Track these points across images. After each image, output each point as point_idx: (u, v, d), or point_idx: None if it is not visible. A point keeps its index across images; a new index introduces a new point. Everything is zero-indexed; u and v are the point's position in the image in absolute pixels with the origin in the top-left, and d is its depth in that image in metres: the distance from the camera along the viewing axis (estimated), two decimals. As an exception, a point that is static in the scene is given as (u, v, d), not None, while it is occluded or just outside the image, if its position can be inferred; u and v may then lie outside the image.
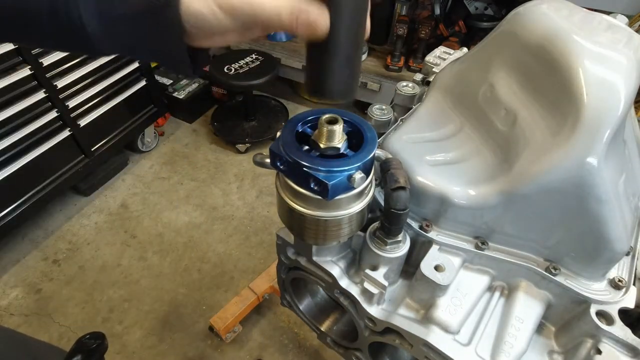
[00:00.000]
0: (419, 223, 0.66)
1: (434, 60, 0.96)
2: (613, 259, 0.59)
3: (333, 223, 0.56)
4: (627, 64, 0.53)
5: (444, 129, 0.71)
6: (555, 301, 0.64)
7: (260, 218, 2.06)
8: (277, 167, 0.52)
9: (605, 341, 0.58)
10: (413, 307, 0.68)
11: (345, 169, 0.48)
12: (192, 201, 2.14)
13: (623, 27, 0.60)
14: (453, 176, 0.63)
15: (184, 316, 1.67)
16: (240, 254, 1.90)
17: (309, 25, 0.35)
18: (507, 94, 0.62)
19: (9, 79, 1.48)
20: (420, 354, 0.65)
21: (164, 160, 2.37)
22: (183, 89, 2.52)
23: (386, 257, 0.64)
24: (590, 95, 0.50)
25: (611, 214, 0.55)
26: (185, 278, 1.79)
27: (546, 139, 0.54)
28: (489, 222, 0.62)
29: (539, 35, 0.57)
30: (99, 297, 1.72)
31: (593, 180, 0.52)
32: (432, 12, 2.27)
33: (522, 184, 0.55)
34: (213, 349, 1.57)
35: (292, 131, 0.51)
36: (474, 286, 0.66)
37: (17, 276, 1.78)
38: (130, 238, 1.95)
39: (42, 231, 1.96)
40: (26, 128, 1.60)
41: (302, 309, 0.97)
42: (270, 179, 2.25)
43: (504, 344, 0.61)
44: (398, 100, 0.90)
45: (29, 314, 1.66)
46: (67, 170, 1.85)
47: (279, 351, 1.58)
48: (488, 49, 0.68)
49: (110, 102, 1.94)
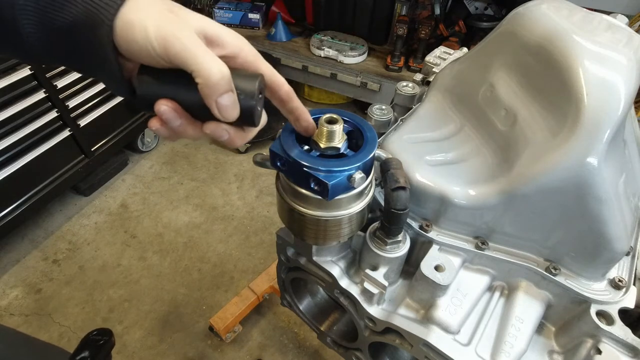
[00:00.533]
0: (419, 223, 0.66)
1: (434, 60, 0.96)
2: (613, 259, 0.59)
3: (333, 223, 0.56)
4: (627, 64, 0.53)
5: (444, 129, 0.71)
6: (555, 301, 0.64)
7: (260, 218, 2.06)
8: (277, 167, 0.52)
9: (605, 341, 0.58)
10: (413, 307, 0.68)
11: (345, 169, 0.48)
12: (192, 201, 2.14)
13: (623, 27, 0.60)
14: (453, 176, 0.63)
15: (184, 316, 1.67)
16: (240, 254, 1.90)
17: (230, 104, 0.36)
18: (507, 94, 0.62)
19: (9, 79, 1.48)
20: (420, 354, 0.65)
21: (164, 160, 2.37)
22: (183, 89, 2.52)
23: (386, 257, 0.64)
24: (591, 95, 0.50)
25: (611, 213, 0.55)
26: (185, 278, 1.79)
27: (546, 139, 0.54)
28: (489, 222, 0.62)
29: (539, 35, 0.57)
30: (99, 297, 1.72)
31: (593, 180, 0.52)
32: (432, 12, 2.27)
33: (522, 184, 0.55)
34: (213, 349, 1.57)
35: (292, 131, 0.51)
36: (474, 286, 0.66)
37: (17, 276, 1.78)
38: (130, 238, 1.95)
39: (42, 231, 1.96)
40: (26, 128, 1.60)
41: (302, 309, 0.97)
42: (270, 179, 2.25)
43: (504, 344, 0.61)
44: (398, 100, 0.90)
45: (29, 314, 1.66)
46: (67, 170, 1.85)
47: (279, 351, 1.58)
48: (488, 49, 0.68)
49: (111, 102, 1.94)
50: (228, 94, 0.35)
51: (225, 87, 0.35)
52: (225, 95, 0.35)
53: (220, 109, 0.36)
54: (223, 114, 0.36)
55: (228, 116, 0.37)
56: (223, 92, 0.35)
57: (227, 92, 0.35)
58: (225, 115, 0.37)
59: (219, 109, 0.36)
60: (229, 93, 0.36)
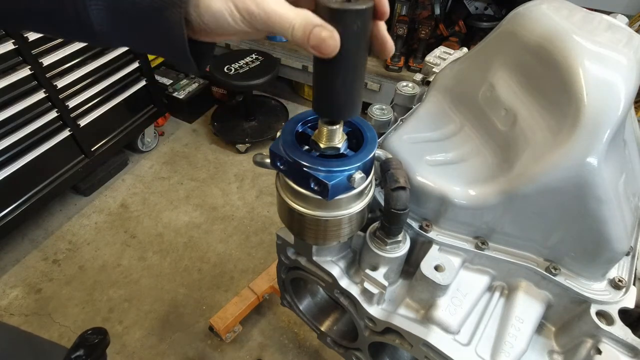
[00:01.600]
0: (419, 223, 0.66)
1: (434, 60, 0.96)
2: (613, 259, 0.59)
3: (333, 223, 0.56)
4: (627, 64, 0.53)
5: (444, 129, 0.71)
6: (555, 301, 0.64)
7: (260, 218, 2.06)
8: (277, 167, 0.52)
9: (605, 341, 0.58)
10: (413, 307, 0.68)
11: (345, 169, 0.48)
12: (192, 201, 2.14)
13: (623, 27, 0.60)
14: (453, 176, 0.63)
15: (184, 316, 1.67)
16: (240, 254, 1.90)
17: (319, 42, 0.35)
18: (507, 93, 0.62)
19: (9, 79, 1.47)
20: (420, 354, 0.65)
21: (164, 160, 2.37)
22: (183, 89, 2.52)
23: (386, 257, 0.64)
24: (590, 95, 0.50)
25: (611, 214, 0.55)
26: (185, 278, 1.79)
27: (546, 139, 0.54)
28: (489, 222, 0.62)
29: (539, 35, 0.57)
30: (99, 297, 1.72)
31: (593, 180, 0.52)
32: (432, 12, 2.27)
33: (522, 184, 0.55)
34: (213, 349, 1.57)
35: (292, 131, 0.51)
36: (474, 286, 0.66)
37: (17, 276, 1.78)
38: (130, 238, 1.95)
39: (42, 231, 1.96)
40: (26, 128, 1.60)
41: (302, 309, 0.97)
42: (270, 179, 2.25)
43: (504, 344, 0.61)
44: (398, 100, 0.90)
45: (29, 314, 1.66)
46: (67, 170, 1.85)
47: (279, 351, 1.58)
48: (488, 49, 0.68)
49: (110, 102, 1.94)
50: (317, 30, 0.35)
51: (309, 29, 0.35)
52: (315, 32, 0.35)
53: (316, 50, 0.36)
54: (323, 52, 0.36)
55: (327, 52, 0.36)
56: (309, 32, 0.35)
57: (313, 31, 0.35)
58: (325, 53, 0.36)
59: (314, 50, 0.36)
60: (318, 29, 0.35)
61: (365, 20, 0.36)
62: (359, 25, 0.36)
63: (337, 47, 0.36)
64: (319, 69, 0.40)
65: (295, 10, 0.35)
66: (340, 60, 0.37)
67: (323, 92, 0.42)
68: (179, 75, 2.60)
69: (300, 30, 0.35)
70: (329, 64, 0.38)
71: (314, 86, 0.43)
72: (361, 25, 0.36)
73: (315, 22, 0.35)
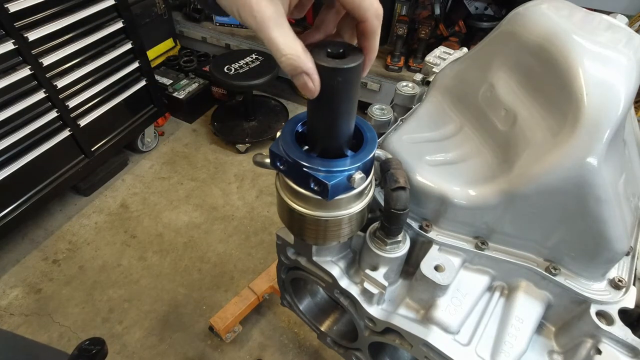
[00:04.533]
0: (419, 223, 0.66)
1: (434, 60, 0.96)
2: (613, 259, 0.59)
3: (333, 223, 0.56)
4: (627, 64, 0.53)
5: (444, 129, 0.71)
6: (555, 301, 0.64)
7: (260, 218, 2.06)
8: (277, 167, 0.51)
9: (605, 341, 0.58)
10: (413, 307, 0.68)
11: (345, 169, 0.48)
12: (192, 201, 2.14)
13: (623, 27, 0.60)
14: (453, 176, 0.63)
15: (184, 316, 1.67)
16: (240, 254, 1.90)
17: (301, 86, 0.37)
18: (507, 93, 0.62)
19: (9, 79, 1.48)
20: (420, 354, 0.65)
21: (164, 160, 2.37)
22: (183, 88, 2.52)
23: (386, 257, 0.64)
24: (590, 95, 0.50)
25: (611, 214, 0.55)
26: (185, 278, 1.79)
27: (546, 139, 0.54)
28: (489, 222, 0.62)
29: (539, 35, 0.57)
30: (99, 297, 1.72)
31: (593, 180, 0.52)
32: (432, 12, 2.27)
33: (522, 184, 0.55)
34: (213, 349, 1.58)
35: (292, 131, 0.51)
36: (474, 286, 0.66)
37: (17, 276, 1.78)
38: (130, 238, 1.95)
39: (42, 231, 1.96)
40: (26, 128, 1.60)
41: (302, 309, 0.97)
42: (270, 179, 2.25)
43: (504, 344, 0.61)
44: (398, 100, 0.90)
45: (29, 314, 1.66)
46: (67, 170, 1.85)
47: (279, 351, 1.58)
48: (488, 49, 0.68)
49: (110, 102, 1.94)
50: (301, 75, 0.36)
51: (296, 72, 0.36)
52: (299, 77, 0.36)
53: (299, 88, 0.37)
54: (304, 92, 0.37)
55: (309, 95, 0.38)
56: (294, 74, 0.36)
57: (299, 74, 0.36)
58: (307, 94, 0.38)
59: (298, 87, 0.37)
60: (302, 75, 0.36)
61: (348, 76, 0.38)
62: (340, 80, 0.38)
63: (316, 92, 0.38)
64: (309, 102, 0.44)
65: (290, 44, 0.35)
66: (323, 101, 0.40)
67: (310, 121, 0.47)
68: (179, 75, 2.60)
69: (288, 68, 0.36)
70: (314, 100, 0.40)
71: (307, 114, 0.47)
72: (342, 81, 0.39)
73: (301, 67, 0.36)
